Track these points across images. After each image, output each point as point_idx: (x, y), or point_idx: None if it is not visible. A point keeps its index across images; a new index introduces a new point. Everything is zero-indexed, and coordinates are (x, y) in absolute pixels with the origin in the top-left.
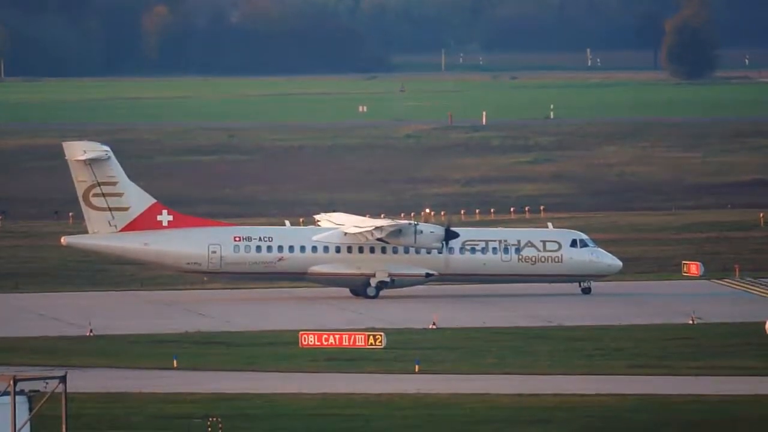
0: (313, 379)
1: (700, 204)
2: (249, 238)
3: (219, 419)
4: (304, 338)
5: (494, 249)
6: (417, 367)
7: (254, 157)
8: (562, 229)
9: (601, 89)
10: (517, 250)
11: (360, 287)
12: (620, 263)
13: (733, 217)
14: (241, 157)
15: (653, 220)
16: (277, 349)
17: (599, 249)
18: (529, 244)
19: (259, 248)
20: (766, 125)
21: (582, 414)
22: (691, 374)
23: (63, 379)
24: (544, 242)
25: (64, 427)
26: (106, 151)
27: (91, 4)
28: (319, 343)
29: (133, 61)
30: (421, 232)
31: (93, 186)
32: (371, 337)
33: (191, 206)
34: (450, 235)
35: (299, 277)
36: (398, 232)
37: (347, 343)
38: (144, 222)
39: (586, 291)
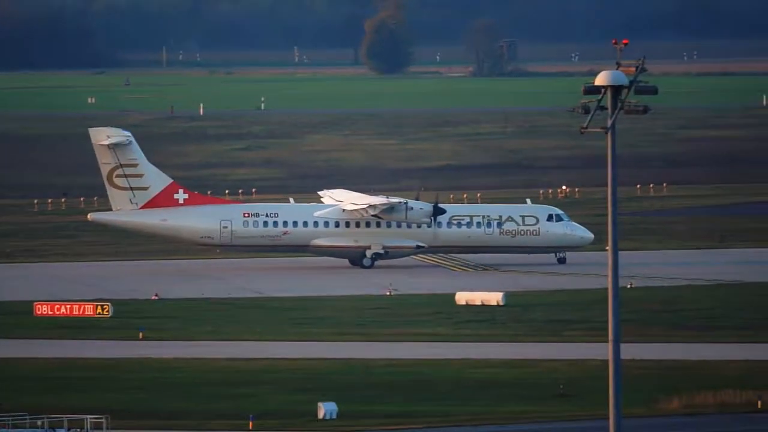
0: (48, 346)
1: (398, 186)
2: (257, 214)
3: None
4: (39, 308)
5: (478, 223)
6: (141, 334)
7: None
8: (540, 205)
9: (308, 83)
10: (499, 224)
11: (357, 258)
12: (592, 236)
13: (428, 198)
14: None
15: None
16: (13, 319)
17: (573, 223)
18: (510, 219)
19: (266, 223)
20: (454, 116)
21: (290, 376)
22: (387, 340)
23: None
24: (523, 217)
25: None
26: (128, 136)
27: None
28: (52, 313)
29: None
30: (412, 208)
31: (116, 168)
32: (99, 307)
33: None
34: (438, 211)
35: (302, 249)
36: (390, 209)
37: (77, 313)
38: (162, 200)
39: (562, 261)
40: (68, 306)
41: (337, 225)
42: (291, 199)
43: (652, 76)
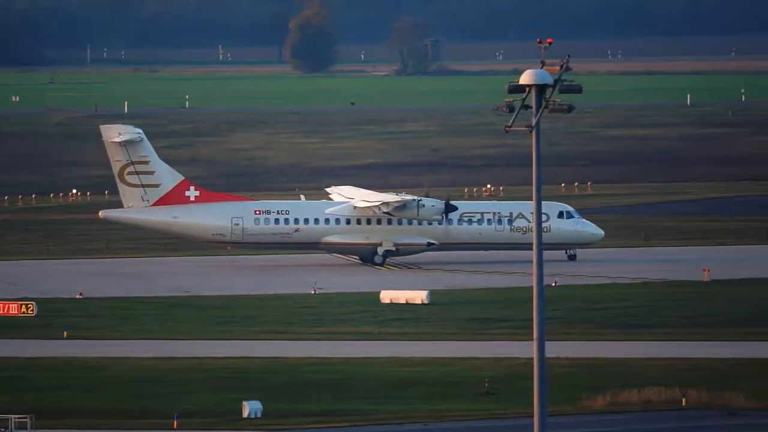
0: None
1: (322, 185)
2: (268, 212)
3: None
4: None
5: (489, 220)
6: (65, 333)
7: None
8: (550, 202)
9: (233, 81)
10: (510, 221)
11: (368, 255)
12: (602, 232)
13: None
14: None
15: (282, 199)
16: None
17: (583, 219)
18: (520, 216)
19: (277, 220)
20: (380, 113)
21: (215, 375)
22: (313, 339)
23: None
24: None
25: None
26: (139, 133)
27: None
28: None
29: None
30: (423, 206)
31: (127, 165)
32: (24, 306)
33: None
34: (449, 209)
35: (313, 246)
36: (403, 206)
37: (1, 312)
38: (173, 197)
39: (572, 257)
40: None
41: (348, 222)
42: (302, 196)
43: (576, 74)
